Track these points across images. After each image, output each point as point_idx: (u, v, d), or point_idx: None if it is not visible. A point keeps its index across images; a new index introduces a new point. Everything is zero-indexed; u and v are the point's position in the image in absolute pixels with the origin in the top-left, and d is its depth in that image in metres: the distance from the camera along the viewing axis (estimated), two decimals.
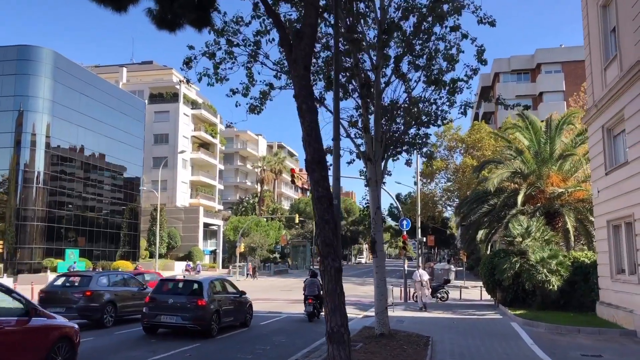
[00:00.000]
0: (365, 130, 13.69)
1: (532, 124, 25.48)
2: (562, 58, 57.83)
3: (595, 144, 18.81)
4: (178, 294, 14.53)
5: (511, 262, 20.99)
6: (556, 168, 24.39)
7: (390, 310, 21.52)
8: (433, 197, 55.00)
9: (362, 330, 14.51)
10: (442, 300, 27.04)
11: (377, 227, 13.39)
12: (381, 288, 13.23)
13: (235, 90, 14.43)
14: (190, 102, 77.13)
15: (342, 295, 8.27)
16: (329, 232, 8.33)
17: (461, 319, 19.33)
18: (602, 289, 18.54)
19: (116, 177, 61.80)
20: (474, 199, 26.53)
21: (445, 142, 53.84)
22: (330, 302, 8.16)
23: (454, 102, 14.33)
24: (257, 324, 17.40)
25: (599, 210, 18.65)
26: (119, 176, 62.24)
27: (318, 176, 8.53)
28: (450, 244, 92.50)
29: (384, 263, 13.32)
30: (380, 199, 13.68)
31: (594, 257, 20.33)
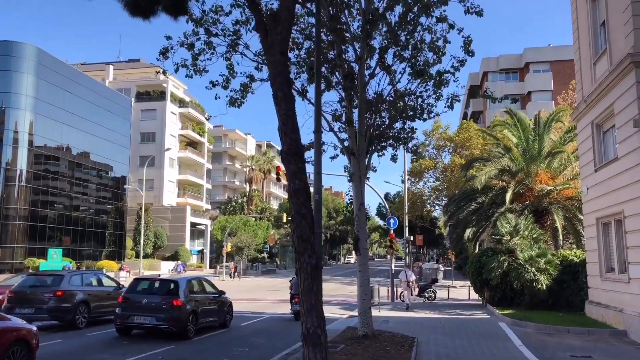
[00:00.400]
0: (348, 124, 13.22)
1: (520, 121, 25.14)
2: (551, 57, 57.75)
3: (585, 141, 18.47)
4: (153, 294, 13.95)
5: (499, 261, 20.61)
6: (545, 165, 24.06)
7: (376, 310, 21.11)
8: (421, 196, 54.64)
9: (345, 331, 14.04)
10: (430, 300, 26.65)
11: (360, 224, 12.92)
12: (365, 287, 12.76)
13: (215, 83, 13.91)
14: (177, 100, 76.33)
15: (320, 295, 7.79)
16: (306, 227, 7.85)
17: (448, 319, 18.91)
18: (591, 288, 18.20)
19: (102, 176, 60.94)
20: (461, 197, 26.13)
21: (434, 141, 53.50)
22: (306, 302, 7.67)
23: (441, 95, 13.90)
24: (238, 325, 16.86)
25: (588, 207, 18.31)
26: (104, 175, 61.40)
27: (295, 168, 8.04)
28: (439, 244, 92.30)
29: (367, 261, 12.85)
30: (364, 194, 13.21)
31: (583, 256, 20.00)
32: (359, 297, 12.85)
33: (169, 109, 73.30)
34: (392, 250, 27.87)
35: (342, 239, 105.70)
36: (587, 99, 17.73)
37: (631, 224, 14.49)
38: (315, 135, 11.48)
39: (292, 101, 8.28)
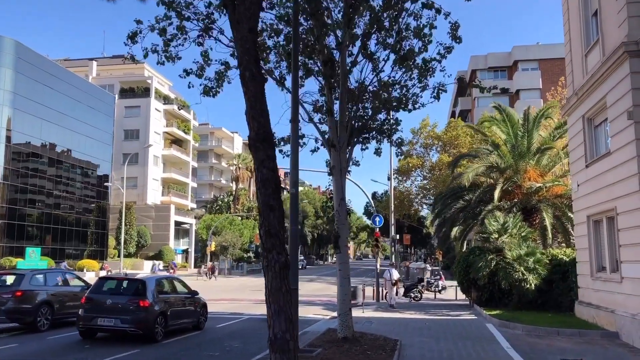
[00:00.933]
0: (329, 114, 12.45)
1: (509, 117, 24.53)
2: (539, 56, 57.42)
3: (575, 135, 17.85)
4: (118, 294, 13.05)
5: (487, 260, 19.97)
6: (534, 162, 23.45)
7: (360, 311, 20.38)
8: (409, 195, 54.09)
9: (325, 333, 13.28)
10: (416, 300, 25.96)
11: (340, 220, 12.16)
12: (345, 287, 12.00)
13: (189, 71, 13.10)
14: (162, 97, 75.14)
15: (289, 295, 7.00)
16: (274, 220, 7.06)
17: (434, 320, 18.22)
18: (581, 288, 17.59)
19: (83, 174, 59.68)
20: (448, 194, 25.44)
21: (422, 140, 53.00)
22: (274, 303, 6.88)
23: (427, 85, 13.18)
24: (213, 327, 16.02)
25: (578, 205, 17.70)
26: (86, 172, 60.12)
27: (263, 155, 7.25)
28: (427, 244, 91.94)
29: (348, 260, 12.09)
30: (344, 189, 12.46)
31: (572, 255, 19.40)
32: (339, 297, 12.10)
33: (154, 105, 72.12)
34: (377, 249, 27.16)
35: (329, 238, 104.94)
36: (578, 92, 17.11)
37: (624, 220, 13.88)
38: (292, 125, 10.75)
39: (260, 82, 7.49)
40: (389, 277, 23.59)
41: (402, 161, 53.33)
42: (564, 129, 23.63)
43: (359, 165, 14.82)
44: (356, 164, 14.79)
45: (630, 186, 13.33)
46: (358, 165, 14.84)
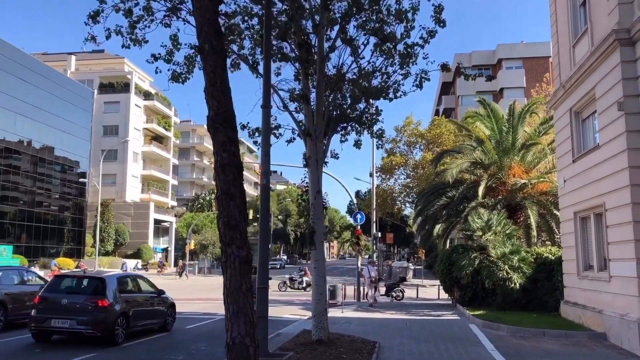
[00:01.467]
0: (304, 101, 11.67)
1: (493, 112, 23.94)
2: (523, 54, 57.16)
3: (562, 130, 17.27)
4: (76, 293, 12.07)
5: (470, 258, 19.34)
6: (518, 159, 22.88)
7: (339, 311, 19.64)
8: (392, 194, 53.44)
9: (299, 335, 12.50)
10: (397, 299, 25.31)
11: (316, 215, 11.39)
12: (320, 286, 11.23)
13: (157, 56, 12.26)
14: (142, 93, 73.73)
15: (250, 295, 6.22)
16: (235, 210, 6.26)
17: (415, 320, 17.53)
18: (567, 287, 17.01)
19: (60, 170, 58.17)
20: (431, 191, 24.78)
21: (405, 138, 52.40)
22: (232, 304, 6.10)
23: (409, 73, 12.46)
24: (182, 328, 15.15)
25: (565, 201, 17.12)
26: (63, 169, 58.62)
27: (223, 138, 6.45)
28: (410, 243, 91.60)
29: (323, 257, 11.32)
30: (321, 181, 11.68)
31: (558, 253, 18.85)
32: (314, 297, 11.33)
33: (133, 101, 70.72)
34: (358, 247, 26.45)
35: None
36: (565, 85, 16.52)
37: (613, 217, 13.29)
38: (263, 111, 9.97)
39: (221, 55, 6.69)
40: (368, 275, 22.93)
41: (386, 159, 52.75)
42: (550, 125, 23.13)
43: (337, 157, 14.09)
44: (335, 156, 14.07)
45: (620, 181, 12.74)
46: (337, 158, 14.10)
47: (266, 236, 9.50)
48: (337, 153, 14.10)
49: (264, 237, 9.59)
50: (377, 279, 25.33)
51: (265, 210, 9.64)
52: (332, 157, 14.12)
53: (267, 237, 9.45)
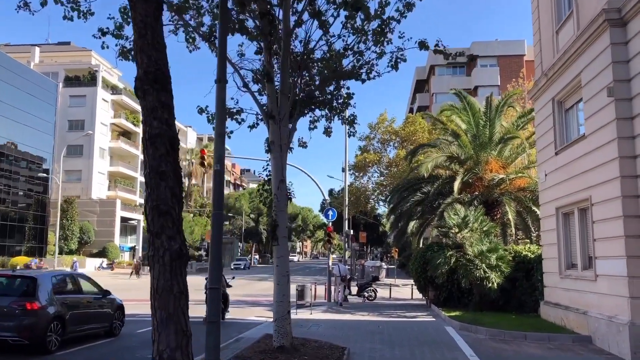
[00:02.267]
0: (267, 78, 10.44)
1: (470, 105, 23.03)
2: (498, 52, 56.71)
3: (544, 121, 16.38)
4: (2, 295, 10.60)
5: (446, 257, 18.35)
6: (496, 153, 21.99)
7: (308, 312, 18.45)
8: (365, 192, 52.50)
9: (260, 341, 11.26)
10: (370, 299, 24.24)
11: (279, 206, 10.17)
12: (282, 286, 10.01)
13: (106, 30, 10.88)
14: (110, 87, 71.42)
15: (184, 299, 4.97)
16: (166, 193, 5.03)
17: (388, 323, 16.43)
18: (548, 287, 16.12)
19: (22, 165, 55.72)
20: (405, 186, 23.73)
21: (379, 135, 51.53)
22: (160, 309, 4.86)
23: (384, 52, 11.33)
24: (131, 333, 13.74)
25: (546, 196, 16.22)
26: (25, 164, 56.19)
27: (153, 102, 5.23)
28: (383, 242, 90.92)
29: (287, 254, 10.10)
30: (285, 169, 10.47)
31: (538, 251, 17.98)
32: (275, 298, 10.10)
33: (100, 95, 68.44)
34: (330, 245, 25.29)
35: None
36: (547, 73, 15.62)
37: (600, 211, 12.39)
38: (217, 86, 8.71)
39: (153, 3, 5.42)
40: (339, 273, 21.85)
41: (359, 156, 51.85)
42: (529, 118, 22.34)
43: (305, 146, 12.91)
44: (303, 145, 12.90)
45: (608, 172, 11.83)
46: (305, 147, 12.92)
47: (219, 231, 8.26)
48: (305, 141, 12.94)
49: (216, 232, 8.34)
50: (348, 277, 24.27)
51: (218, 201, 8.37)
52: (300, 145, 12.99)
53: (219, 231, 8.20)
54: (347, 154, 26.99)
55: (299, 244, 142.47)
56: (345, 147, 26.48)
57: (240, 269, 62.05)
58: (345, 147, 26.48)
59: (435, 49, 10.71)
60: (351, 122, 12.50)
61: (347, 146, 26.74)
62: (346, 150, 26.68)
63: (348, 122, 12.47)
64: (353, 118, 12.49)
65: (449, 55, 10.68)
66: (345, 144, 26.34)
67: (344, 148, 26.95)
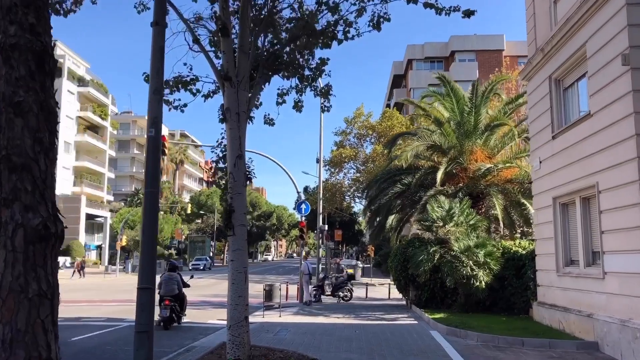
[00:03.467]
0: (222, 32, 8.55)
1: (454, 91, 21.43)
2: (477, 47, 55.55)
3: (538, 103, 14.79)
4: None
5: (429, 253, 16.68)
6: (481, 142, 20.39)
7: (276, 315, 16.61)
8: (341, 188, 50.78)
9: (213, 352, 9.37)
10: (345, 300, 22.48)
11: (236, 187, 8.29)
12: (239, 286, 8.13)
13: None
14: (76, 78, 68.42)
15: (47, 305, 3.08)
16: (25, 136, 3.14)
17: (366, 327, 14.66)
18: (542, 287, 14.53)
19: None
20: (384, 177, 21.97)
21: (355, 130, 49.90)
22: (4, 323, 2.94)
23: (364, 9, 9.54)
24: (66, 341, 11.67)
25: (541, 185, 14.63)
26: None
27: None
28: (359, 241, 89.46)
29: (245, 246, 8.22)
30: (244, 142, 8.58)
31: (530, 247, 16.42)
32: (229, 301, 8.20)
33: (66, 87, 65.40)
34: (302, 241, 23.45)
35: (259, 235, 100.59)
36: (544, 48, 14.01)
37: (609, 200, 10.80)
38: (153, 29, 6.83)
39: None
40: (307, 271, 20.13)
41: (335, 152, 50.14)
42: (516, 104, 20.84)
43: (273, 124, 11.07)
44: (270, 122, 11.06)
45: (621, 154, 10.23)
46: (272, 125, 11.07)
47: (153, 212, 6.38)
48: (272, 119, 11.10)
49: (150, 214, 6.46)
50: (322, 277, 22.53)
51: (153, 174, 6.49)
52: (266, 122, 11.14)
53: (153, 214, 6.34)
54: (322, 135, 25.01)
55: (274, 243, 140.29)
56: (320, 125, 24.49)
57: (199, 270, 57.28)
58: (320, 125, 24.49)
59: (426, 3, 8.97)
60: (326, 93, 10.68)
61: (322, 125, 24.76)
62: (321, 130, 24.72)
63: (322, 94, 10.65)
64: (328, 89, 10.67)
65: (441, 10, 8.94)
66: (320, 123, 24.35)
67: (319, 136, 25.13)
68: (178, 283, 14.19)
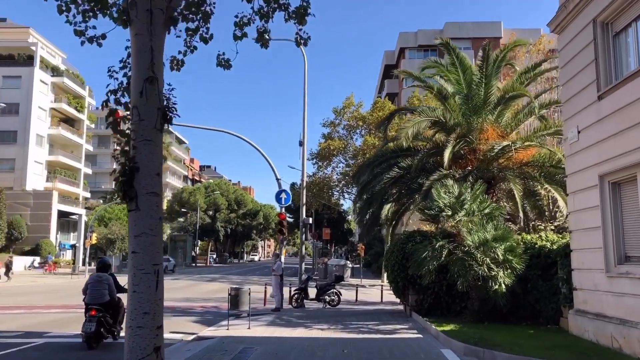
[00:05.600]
0: None
1: (460, 60, 18.32)
2: (472, 34, 52.58)
3: (576, 57, 11.65)
4: None
5: (435, 249, 13.45)
6: (493, 118, 17.22)
7: (245, 326, 13.31)
8: (329, 182, 47.53)
9: None
10: (332, 304, 19.27)
11: (141, 131, 5.01)
12: (143, 295, 4.80)
13: None
14: (50, 68, 64.53)
15: None
16: None
17: (358, 342, 11.42)
18: (582, 291, 11.36)
19: None
20: (378, 160, 18.59)
21: (345, 121, 46.70)
22: None
23: None
24: None
25: (580, 161, 11.47)
26: None
27: None
28: (348, 241, 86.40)
29: (158, 228, 4.92)
30: (159, 59, 5.26)
31: (561, 241, 13.25)
32: (127, 322, 4.83)
33: (38, 76, 61.48)
34: (282, 237, 20.16)
35: (245, 234, 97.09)
36: None
37: None
38: None
39: None
40: (280, 271, 16.97)
41: (323, 144, 46.92)
42: (535, 73, 17.69)
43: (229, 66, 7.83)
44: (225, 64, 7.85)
45: None
46: (228, 67, 7.82)
47: None
48: (228, 59, 7.82)
49: None
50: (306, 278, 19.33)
51: None
52: (220, 65, 7.89)
53: None
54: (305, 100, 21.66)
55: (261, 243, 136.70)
56: (304, 90, 21.13)
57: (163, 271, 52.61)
58: (304, 90, 21.13)
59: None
60: (301, 15, 7.37)
61: (305, 86, 21.42)
62: (305, 94, 21.35)
63: (295, 15, 7.35)
64: (304, 8, 7.38)
65: None
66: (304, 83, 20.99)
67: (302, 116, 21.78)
68: (109, 287, 10.81)
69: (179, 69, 7.59)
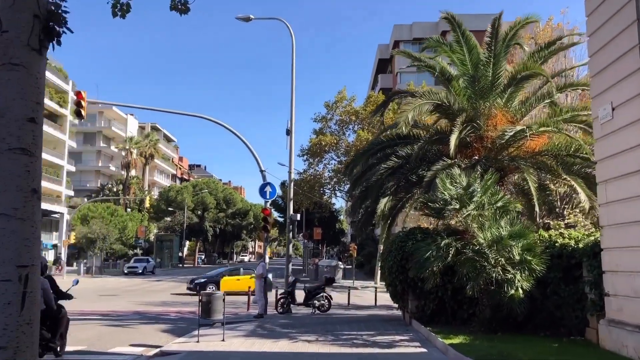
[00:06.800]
0: None
1: (465, 37, 16.50)
2: (470, 26, 50.48)
3: (609, 21, 9.85)
4: None
5: (439, 248, 11.59)
6: (502, 102, 15.40)
7: (219, 337, 11.38)
8: (320, 180, 45.66)
9: None
10: (322, 310, 17.39)
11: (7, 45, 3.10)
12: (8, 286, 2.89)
13: None
14: None
15: None
16: None
17: (350, 359, 9.52)
18: (617, 297, 9.54)
19: None
20: (373, 149, 16.57)
21: (337, 116, 44.85)
22: None
23: None
24: None
25: (614, 144, 9.65)
26: None
27: None
28: (340, 242, 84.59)
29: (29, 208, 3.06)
30: None
31: (588, 238, 11.42)
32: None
33: None
34: (266, 234, 18.24)
35: (234, 234, 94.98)
36: None
37: None
38: None
39: None
40: (263, 273, 15.12)
41: (314, 139, 45.07)
42: (551, 51, 15.89)
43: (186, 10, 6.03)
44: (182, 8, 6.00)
45: None
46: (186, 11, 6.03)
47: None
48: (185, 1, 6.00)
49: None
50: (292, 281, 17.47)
51: None
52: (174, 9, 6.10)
53: None
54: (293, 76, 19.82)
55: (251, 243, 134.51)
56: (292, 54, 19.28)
57: (137, 274, 48.46)
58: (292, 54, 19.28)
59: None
60: None
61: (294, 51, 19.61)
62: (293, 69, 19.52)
63: None
64: None
65: None
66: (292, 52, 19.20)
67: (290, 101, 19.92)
68: (45, 292, 8.81)
69: (123, 15, 5.78)
